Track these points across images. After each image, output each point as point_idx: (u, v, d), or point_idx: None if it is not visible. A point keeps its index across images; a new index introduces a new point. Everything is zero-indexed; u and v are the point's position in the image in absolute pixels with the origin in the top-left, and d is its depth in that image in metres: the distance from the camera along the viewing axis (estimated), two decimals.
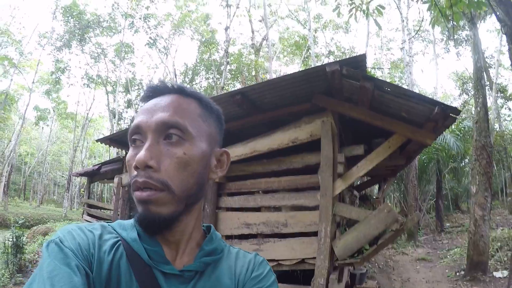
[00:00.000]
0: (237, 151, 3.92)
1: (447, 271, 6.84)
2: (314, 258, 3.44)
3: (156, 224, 0.57)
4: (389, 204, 3.29)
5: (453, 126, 12.63)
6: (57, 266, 0.51)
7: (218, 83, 16.50)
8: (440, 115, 2.80)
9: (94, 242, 0.58)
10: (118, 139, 5.86)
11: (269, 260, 3.72)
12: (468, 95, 18.68)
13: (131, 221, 0.64)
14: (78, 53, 18.57)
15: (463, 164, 15.09)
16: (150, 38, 17.47)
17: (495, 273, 5.84)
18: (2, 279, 5.42)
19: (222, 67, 15.07)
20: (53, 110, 24.20)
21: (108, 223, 0.66)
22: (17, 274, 5.57)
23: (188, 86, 0.78)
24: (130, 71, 20.40)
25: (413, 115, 3.09)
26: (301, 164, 3.69)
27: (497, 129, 16.94)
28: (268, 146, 3.71)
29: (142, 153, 0.57)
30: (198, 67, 19.83)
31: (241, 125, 3.98)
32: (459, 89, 19.18)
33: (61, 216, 17.53)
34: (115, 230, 0.63)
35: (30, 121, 27.21)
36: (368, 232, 3.22)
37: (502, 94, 17.91)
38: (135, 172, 0.57)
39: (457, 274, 6.43)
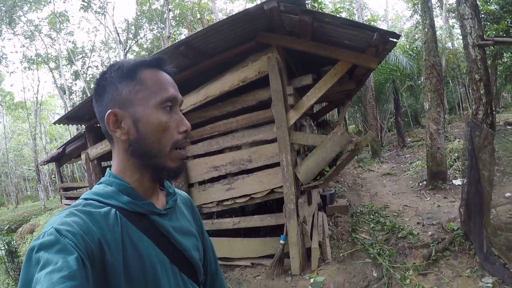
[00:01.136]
0: (191, 99, 4.00)
1: (410, 182, 7.30)
2: (281, 186, 3.75)
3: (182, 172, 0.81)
4: (341, 127, 3.54)
5: (406, 47, 13.12)
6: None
7: (163, 33, 15.65)
8: (380, 41, 2.95)
9: (99, 225, 0.64)
10: (75, 116, 5.66)
11: (242, 196, 4.05)
12: (420, 16, 18.72)
13: (109, 188, 0.73)
14: (10, 36, 17.22)
15: (420, 81, 15.66)
16: (83, 1, 15.94)
17: (454, 181, 6.30)
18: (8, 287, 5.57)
19: (165, 16, 14.15)
20: (0, 105, 22.47)
21: (86, 198, 0.71)
22: None
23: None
24: (69, 41, 19.06)
25: (355, 42, 3.23)
26: (255, 101, 3.84)
27: (450, 48, 17.56)
28: (220, 89, 3.81)
29: (188, 122, 0.76)
30: (140, 21, 18.72)
31: (191, 74, 4.00)
32: (410, 10, 19.31)
33: (41, 209, 17.18)
34: (100, 202, 0.70)
35: None
36: (325, 155, 3.47)
37: (453, 14, 18.25)
38: (180, 135, 0.75)
39: (420, 184, 6.89)
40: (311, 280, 3.43)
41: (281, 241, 3.71)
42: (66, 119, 5.56)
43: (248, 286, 3.66)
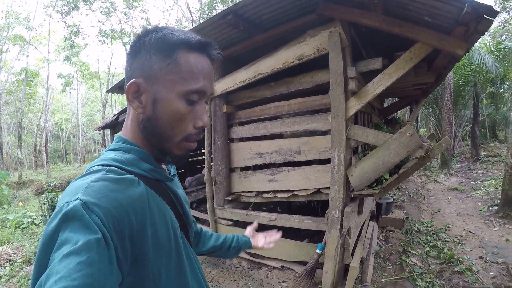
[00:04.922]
0: (240, 76, 3.60)
1: (479, 204, 6.44)
2: (329, 188, 3.19)
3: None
4: (411, 127, 2.82)
5: (492, 47, 11.27)
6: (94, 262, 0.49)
7: None
8: (472, 16, 2.22)
9: (127, 194, 0.60)
10: None
11: (284, 191, 3.61)
12: (510, 13, 16.36)
13: (129, 155, 0.70)
14: (88, 12, 18.14)
15: (503, 89, 13.89)
16: None
17: None
18: None
19: None
20: (76, 73, 24.70)
21: (106, 164, 0.66)
22: None
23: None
24: (143, 18, 19.75)
25: (439, 18, 2.52)
26: (312, 84, 3.29)
27: None
28: (272, 67, 3.33)
29: (206, 118, 0.75)
30: (214, 1, 18.53)
31: (243, 48, 3.59)
32: (498, 6, 16.64)
33: None
34: (122, 169, 0.66)
35: (58, 90, 28.21)
36: (387, 159, 2.81)
37: None
38: (194, 130, 0.73)
39: (490, 208, 6.00)
40: None
41: (318, 250, 3.20)
42: (118, 88, 5.60)
43: None
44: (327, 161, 3.27)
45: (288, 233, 3.94)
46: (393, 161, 2.80)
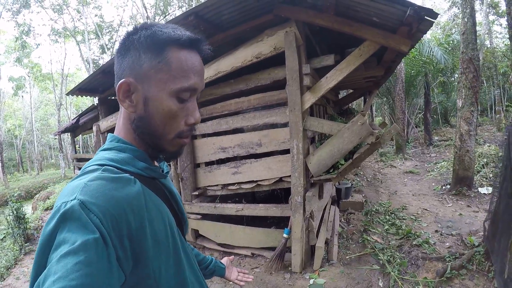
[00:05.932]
0: None
1: (433, 184, 6.84)
2: (290, 176, 3.45)
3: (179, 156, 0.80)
4: (363, 116, 3.11)
5: (442, 39, 12.23)
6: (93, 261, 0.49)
7: None
8: (414, 18, 2.52)
9: (125, 193, 0.60)
10: (87, 87, 5.55)
11: (249, 182, 3.81)
12: (459, 8, 17.70)
13: (124, 155, 0.70)
14: (39, 10, 17.17)
15: (453, 78, 14.87)
16: None
17: (480, 189, 5.79)
18: (13, 252, 5.68)
19: None
20: (28, 76, 23.23)
21: (101, 164, 0.66)
22: (25, 244, 5.82)
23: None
24: (97, 15, 18.98)
25: (385, 19, 2.80)
26: (269, 80, 3.51)
27: (488, 46, 16.30)
28: (232, 65, 3.51)
29: (198, 115, 0.73)
30: None
31: None
32: (448, 1, 18.02)
33: (61, 177, 17.77)
34: (118, 168, 0.66)
35: (10, 94, 26.46)
36: (342, 146, 3.10)
37: (494, 10, 16.97)
38: (186, 127, 0.72)
39: (443, 187, 6.40)
40: (311, 281, 3.16)
41: (285, 235, 3.44)
42: (78, 90, 5.48)
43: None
44: (287, 151, 3.52)
45: (255, 222, 4.18)
46: (347, 148, 3.09)
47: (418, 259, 3.51)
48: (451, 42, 11.48)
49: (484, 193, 5.58)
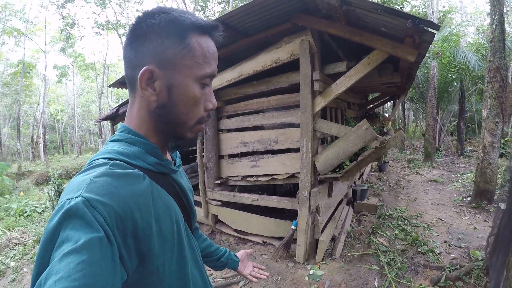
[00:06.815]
0: (227, 76, 4.13)
1: (455, 195, 6.69)
2: None
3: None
4: (367, 121, 3.30)
5: (480, 44, 11.61)
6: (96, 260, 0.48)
7: (235, 5, 15.08)
8: (414, 30, 2.65)
9: (132, 191, 0.59)
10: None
11: (265, 175, 4.15)
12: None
13: (134, 148, 0.68)
14: (83, 4, 18.18)
15: None
16: None
17: (500, 204, 5.39)
18: None
19: None
20: (72, 65, 24.66)
21: (110, 158, 0.65)
22: None
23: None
24: (138, 10, 19.78)
25: (392, 30, 2.94)
26: (287, 83, 3.82)
27: None
28: (253, 69, 3.84)
29: (215, 100, 0.75)
30: None
31: (230, 51, 4.07)
32: (490, 4, 16.77)
33: None
34: (127, 163, 0.65)
35: (54, 81, 28.06)
36: (347, 148, 3.32)
37: None
38: (206, 112, 0.73)
39: (464, 199, 6.24)
40: (311, 272, 3.41)
41: (293, 226, 3.74)
42: (119, 84, 6.03)
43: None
44: (300, 149, 3.80)
45: (272, 215, 4.50)
46: (351, 150, 3.32)
47: (419, 266, 3.53)
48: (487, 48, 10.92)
49: (504, 209, 5.40)
